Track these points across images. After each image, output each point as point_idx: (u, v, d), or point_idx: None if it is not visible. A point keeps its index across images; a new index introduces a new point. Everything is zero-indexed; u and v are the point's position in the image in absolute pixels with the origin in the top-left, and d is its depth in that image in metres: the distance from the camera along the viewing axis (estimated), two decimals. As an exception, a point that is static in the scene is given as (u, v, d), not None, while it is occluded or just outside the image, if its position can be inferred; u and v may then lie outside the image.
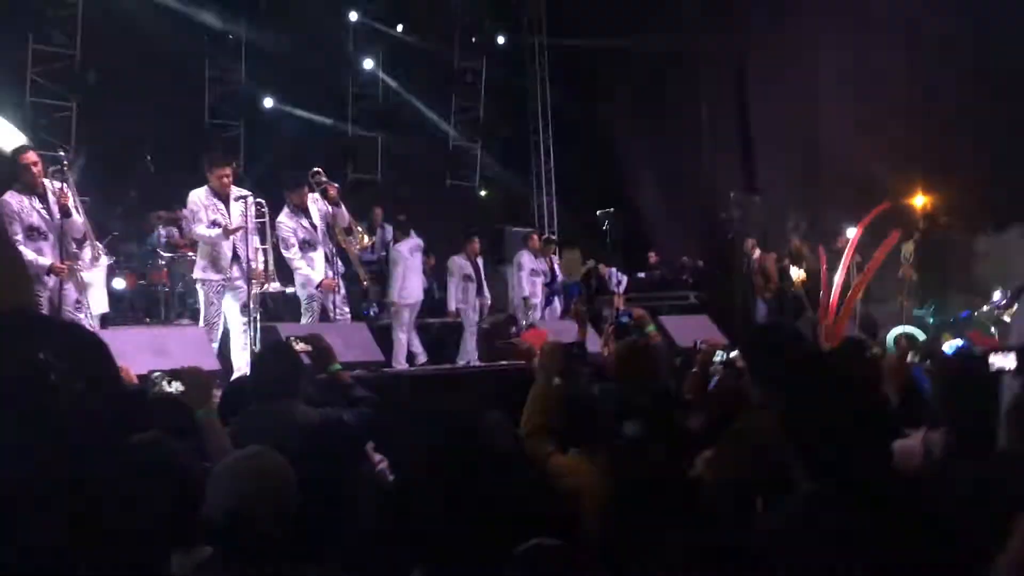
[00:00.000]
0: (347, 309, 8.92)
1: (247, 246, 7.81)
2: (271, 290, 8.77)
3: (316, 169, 8.81)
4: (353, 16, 15.50)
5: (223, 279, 7.77)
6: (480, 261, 11.62)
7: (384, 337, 9.82)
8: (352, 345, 7.76)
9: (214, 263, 7.78)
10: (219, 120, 14.54)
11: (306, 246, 8.50)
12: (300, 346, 4.44)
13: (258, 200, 8.07)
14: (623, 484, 2.75)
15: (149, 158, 11.95)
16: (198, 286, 8.04)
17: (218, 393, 4.59)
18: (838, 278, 9.93)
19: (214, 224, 7.75)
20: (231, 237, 7.75)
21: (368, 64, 15.93)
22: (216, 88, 14.43)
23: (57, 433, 1.01)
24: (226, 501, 2.47)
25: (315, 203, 8.63)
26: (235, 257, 7.81)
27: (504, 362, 9.07)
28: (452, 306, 11.30)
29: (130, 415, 1.22)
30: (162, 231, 10.76)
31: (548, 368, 3.93)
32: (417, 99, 16.18)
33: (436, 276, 12.58)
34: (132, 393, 3.49)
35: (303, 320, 8.61)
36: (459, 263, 11.34)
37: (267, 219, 8.18)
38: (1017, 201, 11.19)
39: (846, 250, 10.33)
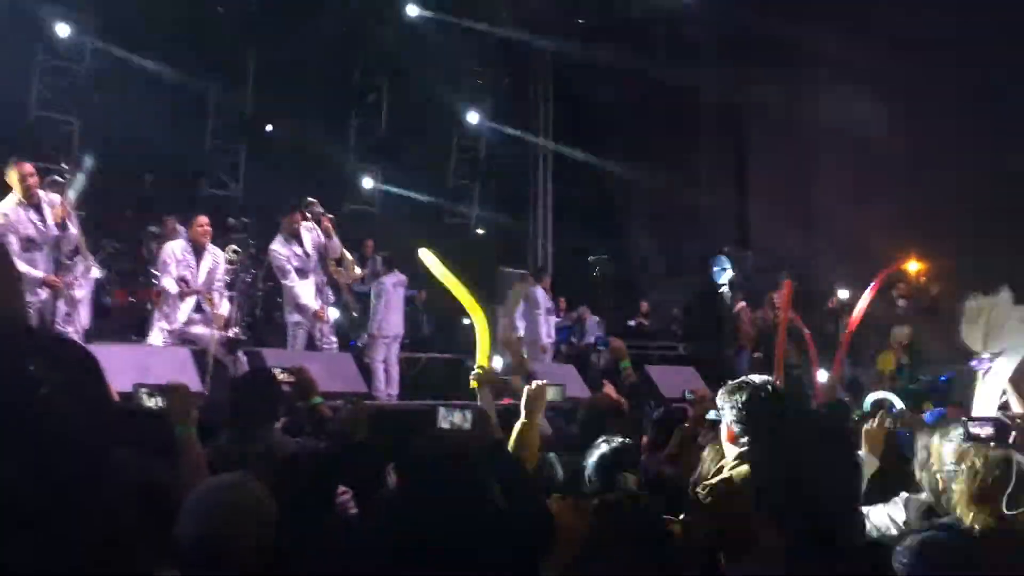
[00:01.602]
0: (334, 339, 8.94)
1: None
2: (230, 335, 8.84)
3: (311, 200, 8.87)
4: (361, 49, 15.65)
5: (180, 329, 7.90)
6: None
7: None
8: (336, 375, 7.75)
9: (168, 316, 7.95)
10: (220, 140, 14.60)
11: (299, 274, 8.55)
12: (283, 376, 4.44)
13: (235, 250, 8.37)
14: (611, 535, 2.74)
15: (149, 177, 12.01)
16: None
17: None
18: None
19: (181, 280, 8.00)
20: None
21: (372, 97, 16.08)
22: (220, 110, 14.52)
23: (45, 444, 1.02)
24: (199, 528, 2.43)
25: (308, 232, 8.68)
26: (197, 310, 8.06)
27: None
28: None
29: (118, 430, 1.23)
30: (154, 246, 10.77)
31: (534, 410, 3.91)
32: (417, 135, 16.27)
33: (427, 311, 12.58)
34: (120, 409, 3.47)
35: (288, 347, 8.62)
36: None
37: (237, 267, 8.46)
38: (1005, 266, 11.27)
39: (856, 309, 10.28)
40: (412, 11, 15.46)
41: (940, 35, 12.14)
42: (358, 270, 10.00)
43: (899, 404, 6.03)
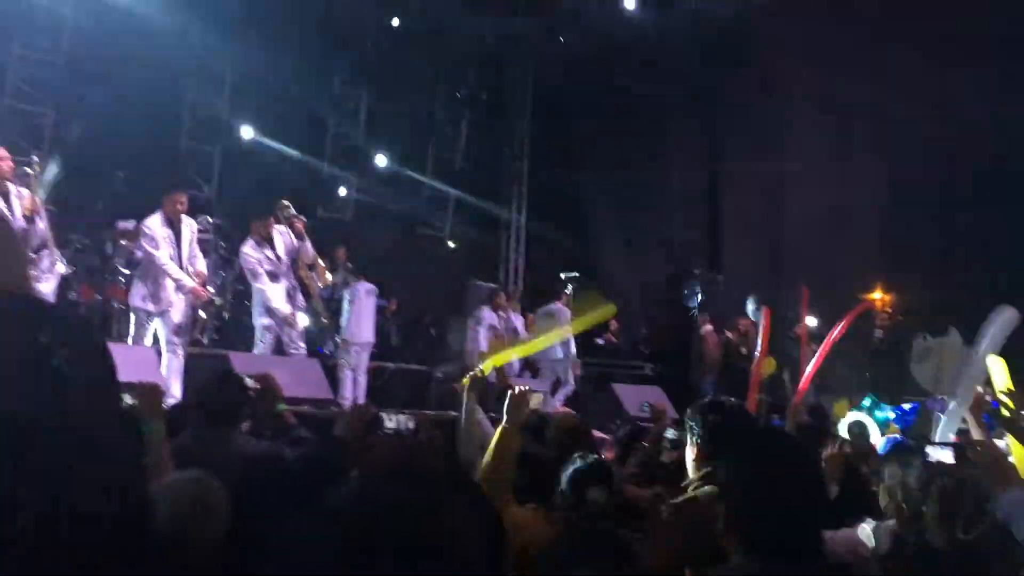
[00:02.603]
0: (303, 344, 8.90)
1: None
2: (215, 303, 8.80)
3: (285, 202, 8.84)
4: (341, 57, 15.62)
5: (159, 310, 7.83)
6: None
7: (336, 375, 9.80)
8: (303, 381, 7.74)
9: (154, 295, 7.85)
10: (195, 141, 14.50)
11: (270, 277, 8.51)
12: (249, 383, 4.44)
13: (213, 221, 8.32)
14: (577, 549, 2.74)
15: (121, 175, 11.90)
16: (132, 312, 8.07)
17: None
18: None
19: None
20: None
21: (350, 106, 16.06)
22: (196, 112, 14.43)
23: (59, 418, 1.00)
24: (160, 522, 2.45)
25: (280, 235, 8.64)
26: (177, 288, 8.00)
27: (454, 412, 9.08)
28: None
29: (118, 412, 1.21)
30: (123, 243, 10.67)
31: (517, 414, 3.92)
32: (395, 144, 16.27)
33: (395, 321, 12.55)
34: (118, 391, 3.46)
35: (255, 350, 8.57)
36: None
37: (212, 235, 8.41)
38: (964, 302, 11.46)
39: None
40: (394, 22, 15.48)
41: (911, 65, 12.27)
42: (329, 276, 9.97)
43: (874, 428, 6.13)
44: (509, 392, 3.98)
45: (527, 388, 4.04)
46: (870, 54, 13.02)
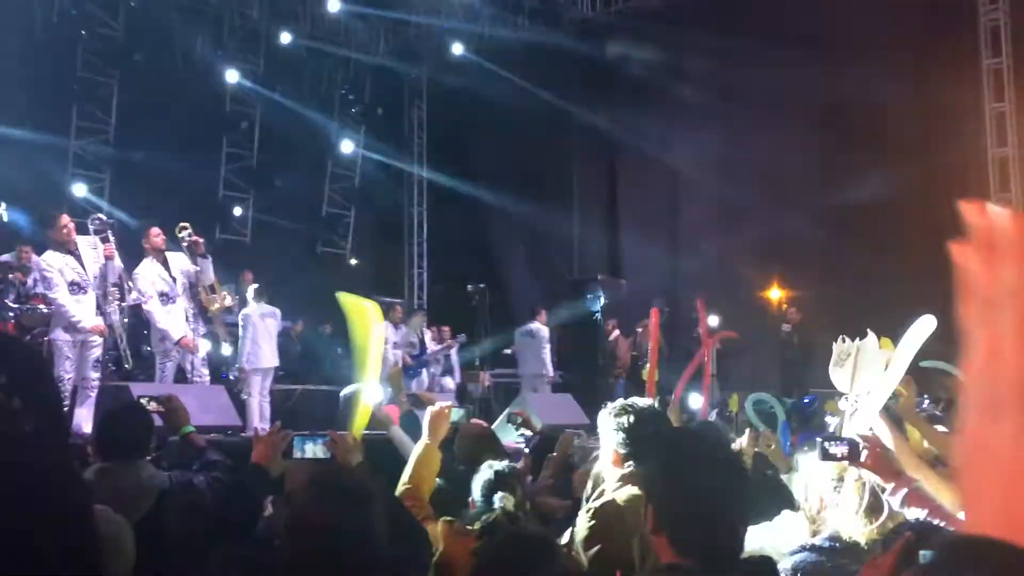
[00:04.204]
0: (206, 371, 8.67)
1: (107, 299, 7.70)
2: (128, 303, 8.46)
3: (183, 224, 8.60)
4: (232, 77, 15.33)
5: (81, 339, 7.55)
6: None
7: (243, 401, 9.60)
8: (209, 408, 7.54)
9: (73, 326, 7.54)
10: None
11: (164, 299, 8.24)
12: (152, 406, 4.32)
13: (106, 221, 7.99)
14: (494, 557, 2.74)
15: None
16: (54, 345, 7.71)
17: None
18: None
19: (74, 285, 7.54)
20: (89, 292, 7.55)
21: (244, 125, 15.80)
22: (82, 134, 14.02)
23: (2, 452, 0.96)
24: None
25: (174, 256, 8.41)
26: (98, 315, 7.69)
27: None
28: None
29: (61, 429, 1.17)
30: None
31: (438, 431, 3.92)
32: (292, 163, 16.06)
33: (302, 342, 12.36)
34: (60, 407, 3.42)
35: (157, 379, 8.31)
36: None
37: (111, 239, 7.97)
38: (859, 297, 11.86)
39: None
40: (285, 39, 15.31)
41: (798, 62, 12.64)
42: (229, 299, 9.71)
43: (778, 406, 6.29)
44: (429, 409, 3.98)
45: (448, 404, 4.04)
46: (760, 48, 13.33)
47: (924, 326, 3.49)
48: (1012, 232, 0.88)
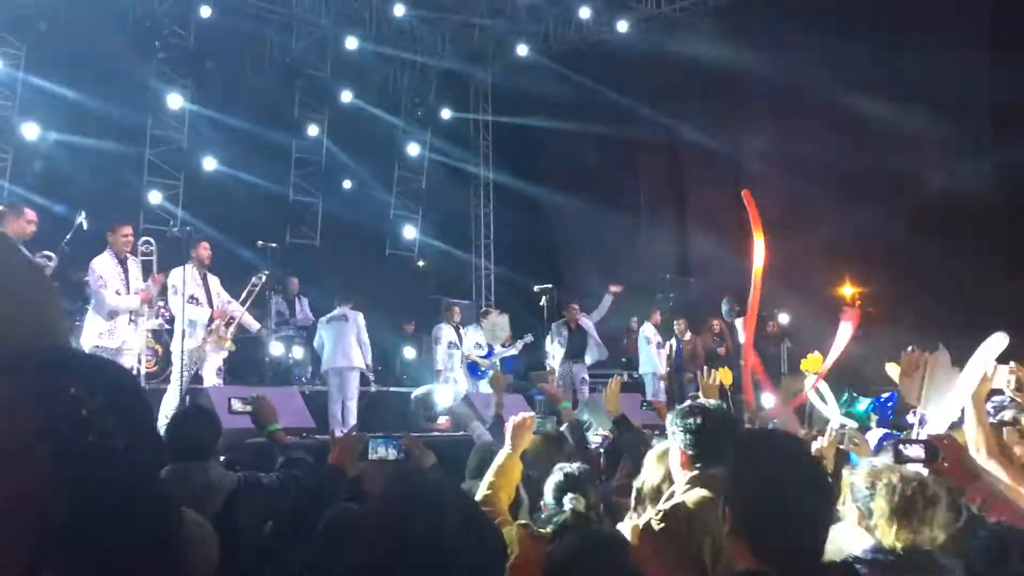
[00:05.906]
0: (219, 381, 8.77)
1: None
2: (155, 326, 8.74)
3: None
4: (300, 83, 15.56)
5: (115, 348, 7.78)
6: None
7: (318, 404, 9.76)
8: (283, 411, 7.63)
9: (111, 332, 7.80)
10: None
11: (193, 301, 8.55)
12: (239, 407, 4.43)
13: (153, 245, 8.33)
14: (565, 557, 2.73)
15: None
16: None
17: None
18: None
19: (116, 294, 7.99)
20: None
21: (313, 131, 16.00)
22: (157, 147, 14.33)
23: (92, 469, 0.99)
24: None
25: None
26: (131, 322, 8.03)
27: (436, 432, 9.25)
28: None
29: (157, 456, 1.20)
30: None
31: (520, 441, 3.93)
32: (360, 167, 16.23)
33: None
34: (160, 436, 3.60)
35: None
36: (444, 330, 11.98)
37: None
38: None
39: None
40: (351, 44, 15.47)
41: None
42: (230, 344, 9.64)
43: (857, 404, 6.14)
44: (511, 418, 3.98)
45: (531, 414, 4.04)
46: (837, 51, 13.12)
47: (996, 342, 3.38)
48: None
